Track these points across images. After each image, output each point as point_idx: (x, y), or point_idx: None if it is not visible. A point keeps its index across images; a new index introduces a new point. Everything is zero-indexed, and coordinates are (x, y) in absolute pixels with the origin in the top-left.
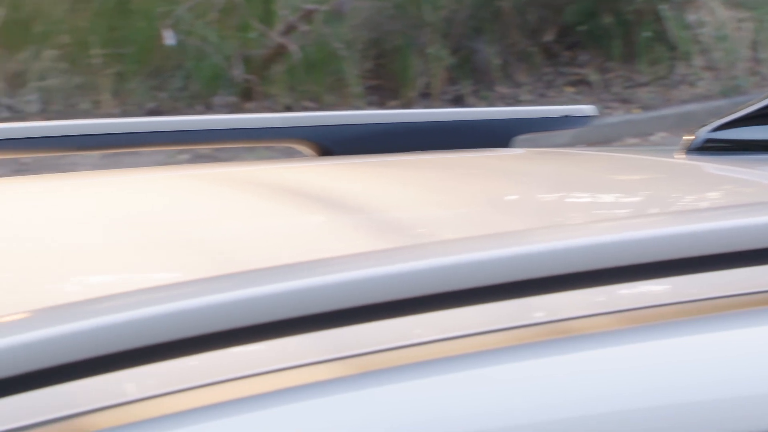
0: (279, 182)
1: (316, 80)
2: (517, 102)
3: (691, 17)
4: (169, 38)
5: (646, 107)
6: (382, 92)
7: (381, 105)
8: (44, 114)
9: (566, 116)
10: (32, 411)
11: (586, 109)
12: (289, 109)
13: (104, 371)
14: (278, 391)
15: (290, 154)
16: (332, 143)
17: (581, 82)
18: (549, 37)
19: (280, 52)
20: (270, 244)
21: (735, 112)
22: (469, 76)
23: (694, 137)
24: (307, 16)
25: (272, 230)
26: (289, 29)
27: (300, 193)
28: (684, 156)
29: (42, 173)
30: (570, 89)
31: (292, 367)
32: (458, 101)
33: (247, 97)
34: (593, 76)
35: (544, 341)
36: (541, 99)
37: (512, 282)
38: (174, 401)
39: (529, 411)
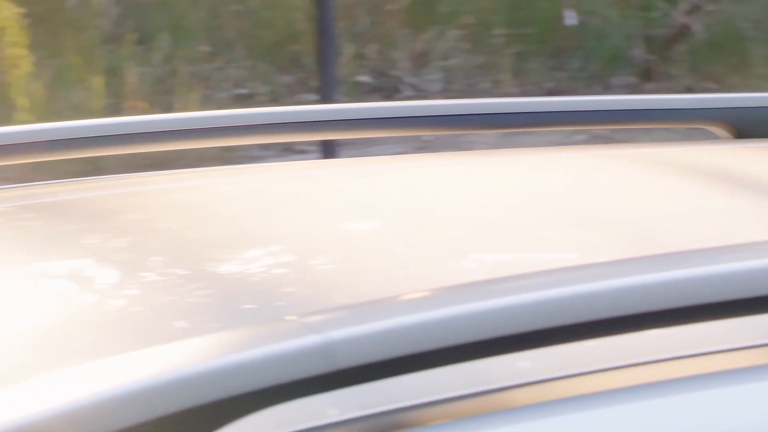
0: (706, 165)
1: (719, 61)
2: None
3: None
4: (570, 18)
5: None
6: None
7: None
8: (445, 93)
9: None
10: (442, 387)
11: None
12: (689, 90)
13: (528, 347)
14: (712, 374)
15: (689, 136)
16: (752, 126)
17: None
18: None
19: (683, 32)
20: (691, 227)
21: None
22: None
23: None
24: None
25: (693, 213)
26: (694, 9)
27: (728, 176)
28: None
29: (441, 151)
30: None
31: (723, 351)
32: None
33: (646, 78)
34: None
35: None
36: None
37: None
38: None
39: None
